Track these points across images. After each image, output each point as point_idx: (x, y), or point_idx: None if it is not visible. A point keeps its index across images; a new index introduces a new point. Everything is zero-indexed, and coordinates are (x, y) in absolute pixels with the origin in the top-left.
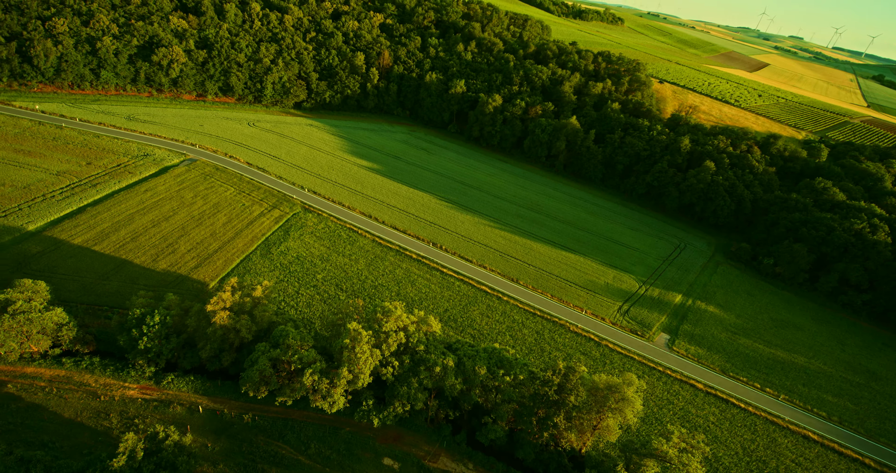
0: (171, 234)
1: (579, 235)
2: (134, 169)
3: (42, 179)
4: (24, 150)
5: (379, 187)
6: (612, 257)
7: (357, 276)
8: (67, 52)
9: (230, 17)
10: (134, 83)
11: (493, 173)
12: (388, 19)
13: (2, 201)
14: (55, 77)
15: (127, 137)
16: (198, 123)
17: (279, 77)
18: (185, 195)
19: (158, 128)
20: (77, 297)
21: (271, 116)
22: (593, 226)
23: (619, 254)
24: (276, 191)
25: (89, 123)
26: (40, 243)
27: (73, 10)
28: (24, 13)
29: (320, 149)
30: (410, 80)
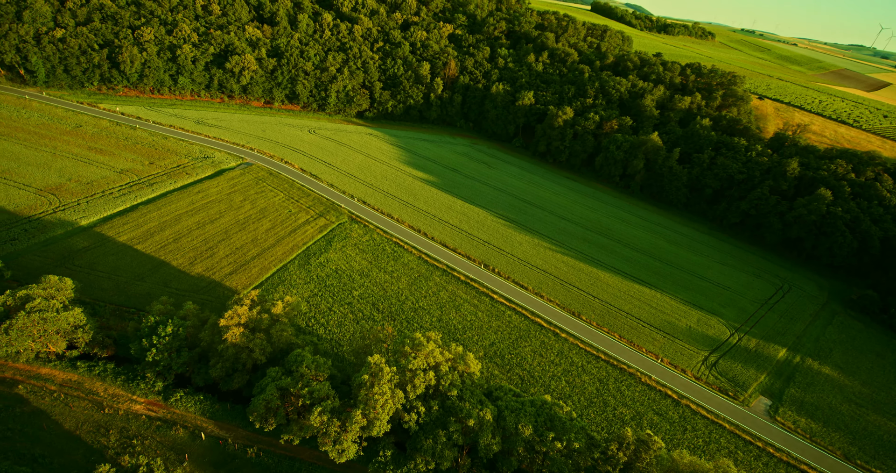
0: (213, 237)
1: (656, 266)
2: (192, 170)
3: (106, 176)
4: (97, 148)
5: (432, 201)
6: (697, 295)
7: (397, 296)
8: (150, 59)
9: (302, 27)
10: (208, 89)
11: (559, 192)
12: (458, 30)
13: (64, 195)
14: (138, 82)
15: (192, 139)
16: (260, 129)
17: (343, 86)
18: (234, 199)
19: (223, 132)
20: (109, 296)
21: (332, 124)
22: (674, 257)
23: (706, 292)
24: (325, 199)
25: (161, 125)
26: (89, 239)
27: (160, 20)
28: (118, 23)
29: (376, 158)
30: (476, 91)
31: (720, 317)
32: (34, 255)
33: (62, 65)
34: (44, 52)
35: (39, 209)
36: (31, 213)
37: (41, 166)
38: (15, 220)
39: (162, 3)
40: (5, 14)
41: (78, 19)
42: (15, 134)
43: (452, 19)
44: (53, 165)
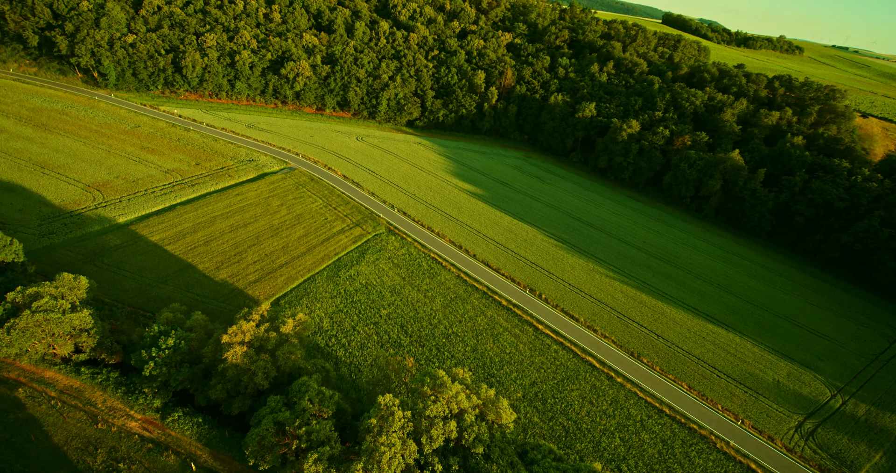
0: (244, 242)
1: (734, 303)
2: (235, 173)
3: (151, 175)
4: (149, 147)
5: (477, 215)
6: (786, 342)
7: (429, 318)
8: (211, 64)
9: (358, 35)
10: (263, 95)
11: (620, 212)
12: (517, 39)
13: (109, 192)
14: (198, 86)
15: (240, 142)
16: (308, 134)
17: (395, 94)
18: (271, 203)
19: (271, 136)
20: (129, 298)
21: (381, 132)
22: (756, 294)
23: (798, 340)
24: (364, 208)
25: (213, 128)
26: (122, 237)
27: (223, 27)
28: (185, 29)
29: (422, 168)
30: (532, 101)
31: (817, 372)
32: (67, 250)
33: (131, 68)
34: (115, 56)
35: (83, 205)
36: (74, 207)
37: (94, 163)
38: (58, 214)
39: (227, 10)
40: (85, 20)
41: (149, 26)
42: (78, 132)
43: (512, 28)
44: (106, 163)
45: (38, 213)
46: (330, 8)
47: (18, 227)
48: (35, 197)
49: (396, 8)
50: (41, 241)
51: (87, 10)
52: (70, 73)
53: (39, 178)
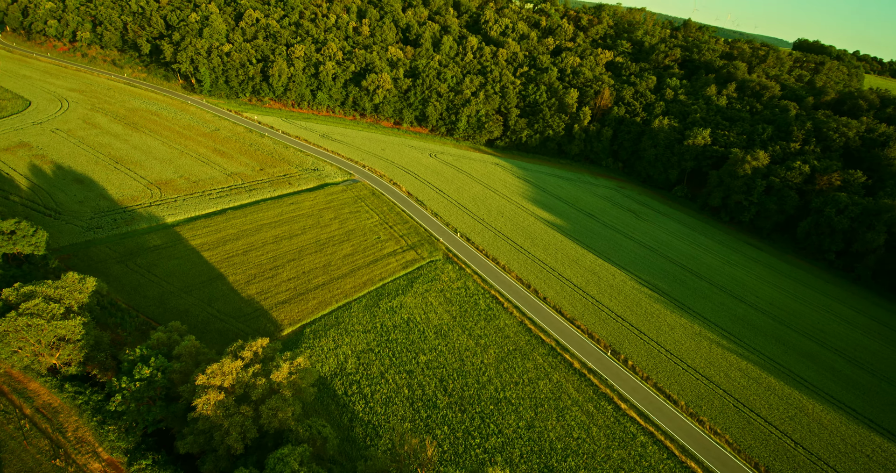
0: (284, 255)
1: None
2: (296, 181)
3: (214, 177)
4: (221, 150)
5: (554, 249)
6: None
7: (477, 373)
8: (296, 74)
9: (444, 49)
10: (342, 106)
11: (737, 262)
12: (619, 57)
13: (168, 191)
14: (283, 95)
15: (310, 151)
16: (380, 147)
17: (476, 110)
18: (324, 216)
19: (342, 147)
20: (147, 305)
21: (457, 150)
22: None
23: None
24: (423, 229)
25: (288, 135)
26: (164, 237)
27: (313, 39)
28: (277, 40)
29: (496, 190)
30: (632, 125)
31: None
32: (106, 246)
33: (224, 76)
34: (211, 63)
35: (139, 201)
36: (129, 203)
37: (165, 161)
38: (113, 209)
39: (318, 24)
40: (190, 31)
41: (246, 37)
42: (161, 132)
43: (613, 46)
44: (175, 162)
45: (94, 206)
46: (419, 22)
47: (71, 218)
48: (98, 190)
49: (488, 23)
50: (86, 234)
51: (195, 21)
52: (172, 79)
53: (110, 172)
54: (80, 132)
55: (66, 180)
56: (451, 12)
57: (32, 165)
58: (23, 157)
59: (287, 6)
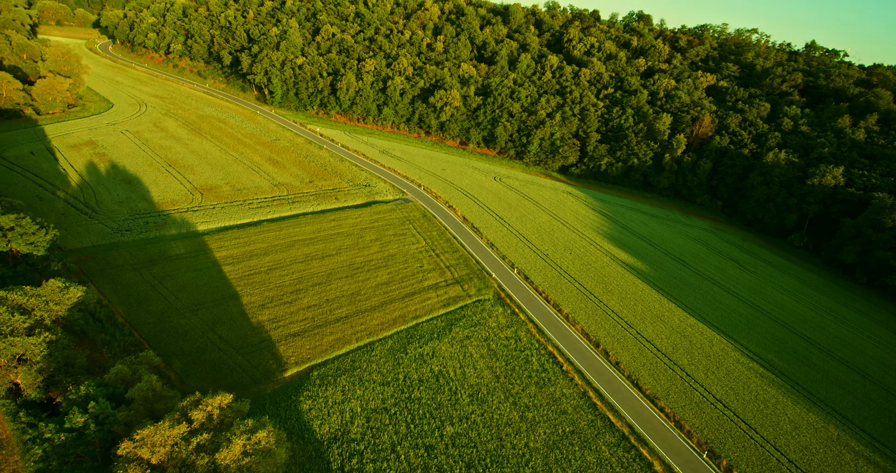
0: (310, 278)
1: None
2: (343, 196)
3: (260, 186)
4: (275, 159)
5: (633, 299)
6: None
7: (518, 462)
8: (364, 88)
9: (521, 67)
10: (407, 123)
11: (885, 341)
12: (723, 82)
13: (210, 197)
14: (349, 109)
15: (365, 166)
16: (441, 167)
17: (550, 133)
18: (365, 236)
19: (400, 164)
20: (144, 322)
21: (525, 175)
22: None
23: None
24: (474, 261)
25: (346, 149)
26: (189, 246)
27: (385, 54)
28: (350, 55)
29: (566, 222)
30: (737, 157)
31: None
32: (128, 250)
33: (294, 88)
34: (283, 75)
35: (177, 205)
36: (168, 207)
37: (216, 167)
38: (149, 212)
39: (392, 39)
40: (268, 43)
41: (320, 50)
42: (222, 138)
43: (717, 69)
44: (226, 168)
45: (132, 207)
46: (496, 40)
47: (105, 218)
48: (142, 192)
49: (571, 42)
50: (112, 236)
51: (274, 35)
52: (248, 89)
53: (160, 174)
54: (146, 134)
55: (116, 180)
56: (531, 30)
57: (90, 163)
58: (85, 154)
59: (364, 22)
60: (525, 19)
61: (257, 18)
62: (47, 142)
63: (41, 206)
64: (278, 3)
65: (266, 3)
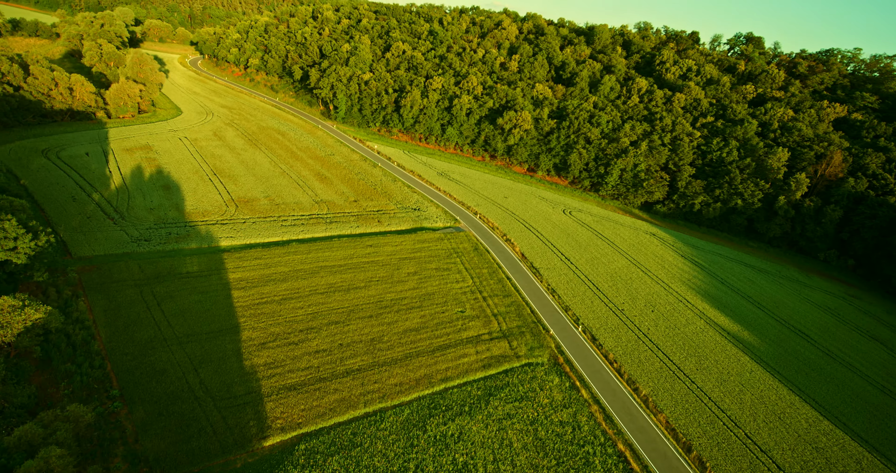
0: (328, 313)
1: None
2: (387, 219)
3: (301, 201)
4: (324, 175)
5: (736, 381)
6: None
7: None
8: (428, 106)
9: (604, 90)
10: (472, 145)
11: None
12: (857, 114)
13: (244, 210)
14: (411, 127)
15: (419, 188)
16: (502, 194)
17: (633, 163)
18: (402, 268)
19: (457, 188)
20: (122, 353)
21: (600, 210)
22: None
23: None
24: (529, 310)
25: (402, 169)
26: (204, 264)
27: (454, 72)
28: (418, 72)
29: (648, 270)
30: (879, 206)
31: None
32: (137, 263)
33: (359, 104)
34: (348, 90)
35: (208, 216)
36: (197, 218)
37: (260, 179)
38: (177, 221)
39: (464, 58)
40: (338, 59)
41: (389, 67)
42: (276, 150)
43: (849, 99)
44: (271, 181)
45: (161, 215)
46: (577, 61)
47: (128, 225)
48: (176, 199)
49: (664, 65)
50: (129, 246)
51: (345, 51)
52: (314, 104)
53: (201, 182)
54: (202, 142)
55: (155, 185)
56: (618, 51)
57: (137, 167)
58: (137, 158)
59: (436, 40)
60: (612, 40)
61: (332, 35)
62: (106, 144)
63: (71, 207)
64: (354, 22)
65: (343, 21)
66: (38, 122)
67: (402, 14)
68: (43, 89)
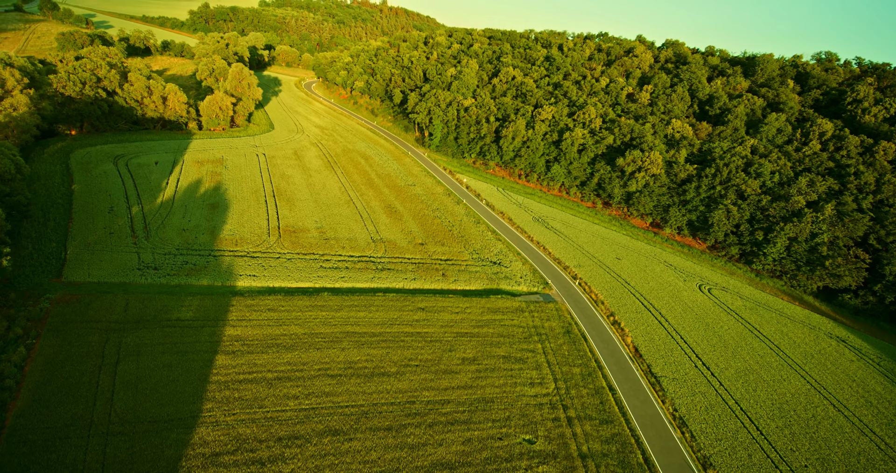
0: (326, 417)
1: None
2: (456, 273)
3: (356, 238)
4: (395, 208)
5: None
6: None
7: None
8: (533, 138)
9: (767, 132)
10: (581, 187)
11: None
12: None
13: (284, 243)
14: (510, 161)
15: (506, 234)
16: (613, 255)
17: (810, 232)
18: (457, 350)
19: (555, 240)
20: (19, 440)
21: (754, 291)
22: None
23: None
24: (642, 458)
25: (490, 209)
26: (204, 309)
27: (569, 101)
28: (527, 100)
29: (842, 406)
30: None
31: None
32: (125, 298)
33: (455, 132)
34: (446, 117)
35: (239, 246)
36: (227, 246)
37: (320, 206)
38: (202, 248)
39: (583, 86)
40: (440, 83)
41: (494, 94)
42: (353, 175)
43: None
44: (330, 210)
45: (188, 239)
46: (731, 95)
47: (147, 247)
48: (215, 221)
49: (859, 104)
50: (131, 274)
51: (450, 75)
52: (410, 129)
53: (253, 205)
54: (278, 160)
55: (203, 203)
56: (789, 85)
57: (196, 180)
58: (202, 171)
59: (552, 66)
60: (780, 72)
61: (440, 59)
62: (181, 154)
63: (102, 219)
64: (465, 46)
65: (454, 46)
66: (129, 128)
67: (517, 39)
68: (136, 96)
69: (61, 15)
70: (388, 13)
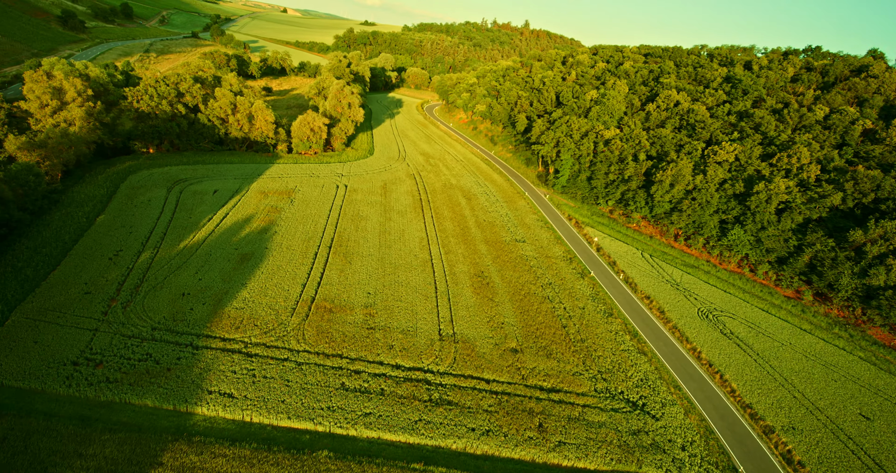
0: None
1: None
2: (563, 424)
3: (416, 329)
4: (486, 278)
5: None
6: None
7: None
8: (703, 187)
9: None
10: (778, 267)
11: None
12: None
13: (310, 330)
14: (664, 216)
15: (655, 344)
16: (854, 408)
17: None
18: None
19: (736, 360)
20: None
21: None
22: None
23: None
24: None
25: (632, 290)
26: (202, 450)
27: (763, 137)
28: (694, 134)
29: None
30: None
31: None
32: (57, 427)
33: (590, 170)
34: (578, 151)
35: (246, 330)
36: (224, 330)
37: (384, 266)
38: (189, 330)
39: (786, 117)
40: (576, 108)
41: (647, 124)
42: (444, 224)
43: None
44: (395, 275)
45: (179, 311)
46: None
47: (120, 321)
48: (232, 284)
49: None
50: (57, 373)
51: (590, 99)
52: (532, 163)
53: (295, 260)
54: (358, 195)
55: (233, 253)
56: None
57: (245, 218)
58: (261, 205)
59: (736, 90)
60: None
61: (578, 80)
62: (248, 182)
63: (91, 269)
64: (613, 66)
65: (598, 65)
66: (212, 148)
67: (683, 56)
68: (219, 114)
69: (225, 40)
70: (528, 36)
